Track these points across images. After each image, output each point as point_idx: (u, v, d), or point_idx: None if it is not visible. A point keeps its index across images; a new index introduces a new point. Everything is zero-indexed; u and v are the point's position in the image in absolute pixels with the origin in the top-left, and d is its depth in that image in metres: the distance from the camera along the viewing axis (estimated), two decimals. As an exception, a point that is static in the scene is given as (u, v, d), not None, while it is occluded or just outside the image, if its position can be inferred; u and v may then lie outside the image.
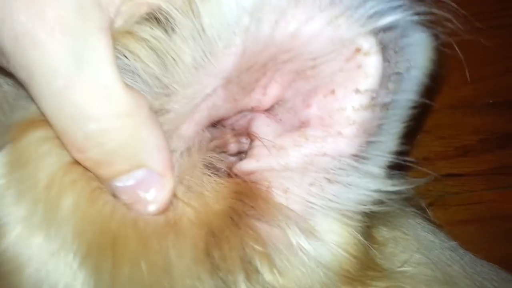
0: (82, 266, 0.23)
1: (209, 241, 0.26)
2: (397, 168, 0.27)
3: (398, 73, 0.27)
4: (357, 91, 0.26)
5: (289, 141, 0.27)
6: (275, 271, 0.26)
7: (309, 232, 0.27)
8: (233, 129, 0.32)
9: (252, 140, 0.30)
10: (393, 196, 0.26)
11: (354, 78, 0.26)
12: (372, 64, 0.26)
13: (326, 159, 0.26)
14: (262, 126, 0.29)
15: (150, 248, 0.25)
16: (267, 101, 0.29)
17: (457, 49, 0.28)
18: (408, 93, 0.28)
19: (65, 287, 0.22)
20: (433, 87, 0.29)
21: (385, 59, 0.26)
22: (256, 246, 0.26)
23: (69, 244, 0.23)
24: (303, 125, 0.28)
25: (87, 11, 0.22)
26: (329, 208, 0.27)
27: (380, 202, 0.27)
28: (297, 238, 0.26)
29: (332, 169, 0.27)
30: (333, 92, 0.26)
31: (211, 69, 0.25)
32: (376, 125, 0.27)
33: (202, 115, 0.27)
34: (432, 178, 0.27)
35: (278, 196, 0.28)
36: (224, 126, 0.32)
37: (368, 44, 0.26)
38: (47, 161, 0.24)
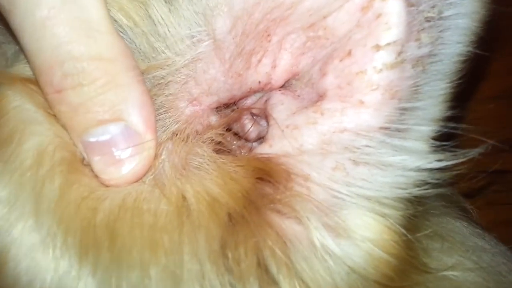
0: (77, 263, 0.21)
1: (225, 236, 0.23)
2: (443, 139, 0.21)
3: (432, 19, 0.21)
4: (378, 47, 0.21)
5: (302, 119, 0.23)
6: (295, 282, 0.21)
7: (336, 229, 0.22)
8: (251, 113, 0.28)
9: (268, 122, 0.26)
10: (439, 176, 0.20)
11: (373, 32, 0.21)
12: (393, 9, 0.21)
13: (348, 136, 0.21)
14: (277, 105, 0.25)
15: (158, 245, 0.22)
16: (279, 75, 0.25)
17: None
18: (452, 43, 0.22)
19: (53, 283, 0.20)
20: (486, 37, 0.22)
21: (410, 2, 0.21)
22: (276, 250, 0.22)
23: (56, 238, 0.21)
24: (320, 98, 0.23)
25: None
26: (359, 196, 0.22)
27: (423, 184, 0.21)
28: (321, 237, 0.21)
29: (356, 147, 0.22)
30: (349, 53, 0.22)
31: (202, 34, 0.22)
32: (409, 87, 0.21)
33: (202, 92, 0.24)
34: (489, 148, 0.20)
35: (299, 185, 0.23)
36: (240, 109, 0.29)
37: None
38: (32, 138, 0.22)
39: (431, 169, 0.21)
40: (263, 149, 0.24)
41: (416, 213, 0.22)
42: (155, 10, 0.23)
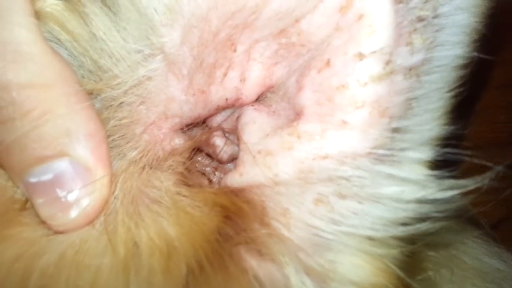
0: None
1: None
2: (441, 163, 0.18)
3: (425, 18, 0.17)
4: (361, 55, 0.17)
5: (276, 143, 0.19)
6: None
7: (321, 274, 0.18)
8: (222, 131, 0.25)
9: (238, 145, 0.22)
10: (441, 208, 0.17)
11: (354, 36, 0.17)
12: (378, 8, 0.17)
13: (330, 163, 0.18)
14: (248, 124, 0.21)
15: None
16: (250, 89, 0.21)
17: None
18: (450, 46, 0.18)
19: None
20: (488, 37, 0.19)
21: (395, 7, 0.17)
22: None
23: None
24: (297, 117, 0.19)
25: None
26: (346, 235, 0.18)
27: (422, 219, 0.17)
28: (302, 284, 0.18)
29: (341, 177, 0.18)
30: (328, 63, 0.18)
31: (151, 48, 0.18)
32: (402, 102, 0.17)
33: (159, 114, 0.20)
34: (500, 172, 0.17)
35: (276, 222, 0.20)
36: (209, 128, 0.25)
37: None
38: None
39: (432, 201, 0.17)
40: (233, 179, 0.21)
41: (417, 249, 0.18)
42: (95, 22, 0.19)
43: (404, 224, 0.18)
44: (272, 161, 0.19)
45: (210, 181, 0.24)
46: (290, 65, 0.21)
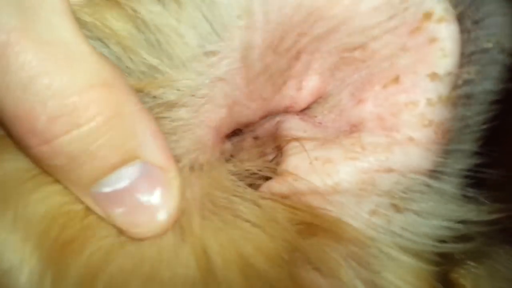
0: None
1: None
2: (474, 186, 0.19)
3: (479, 51, 0.19)
4: (434, 76, 0.18)
5: (338, 152, 0.19)
6: None
7: (375, 285, 0.19)
8: (255, 138, 0.24)
9: (282, 152, 0.22)
10: (483, 228, 0.18)
11: (426, 58, 0.18)
12: (450, 35, 0.18)
13: (393, 177, 0.18)
14: (297, 132, 0.21)
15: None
16: (303, 99, 0.21)
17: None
18: (492, 80, 0.20)
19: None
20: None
21: (464, 29, 0.19)
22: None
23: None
24: (354, 129, 0.20)
25: None
26: (399, 248, 0.19)
27: (466, 238, 0.19)
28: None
29: (400, 191, 0.19)
30: (396, 79, 0.19)
31: (223, 49, 0.18)
32: (459, 126, 0.19)
33: (221, 116, 0.20)
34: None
35: (330, 231, 0.20)
36: (242, 133, 0.24)
37: (442, 6, 0.18)
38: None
39: (479, 222, 0.18)
40: (283, 185, 0.20)
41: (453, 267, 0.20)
42: (149, 20, 0.18)
43: (451, 242, 0.19)
44: (333, 169, 0.19)
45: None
46: (343, 79, 0.21)
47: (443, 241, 0.19)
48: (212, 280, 0.16)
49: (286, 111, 0.22)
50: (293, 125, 0.22)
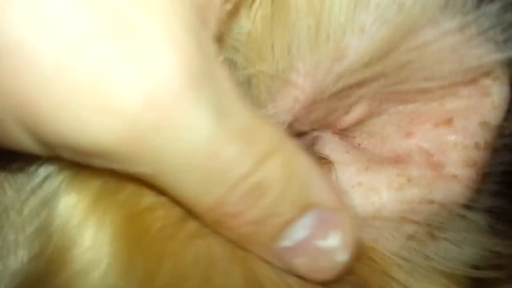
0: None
1: None
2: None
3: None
4: (484, 124, 0.20)
5: (382, 179, 0.21)
6: None
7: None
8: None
9: (325, 167, 0.23)
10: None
11: (479, 108, 0.20)
12: (502, 93, 0.20)
13: (433, 208, 0.20)
14: (337, 151, 0.23)
15: None
16: (347, 121, 0.23)
17: None
18: None
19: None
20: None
21: None
22: None
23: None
24: (399, 159, 0.21)
25: (196, 26, 0.15)
26: (430, 268, 0.21)
27: (494, 266, 0.21)
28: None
29: (438, 221, 0.21)
30: (449, 122, 0.20)
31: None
32: (495, 171, 0.21)
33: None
34: None
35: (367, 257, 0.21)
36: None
37: (502, 69, 0.20)
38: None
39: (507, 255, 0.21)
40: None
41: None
42: None
43: (483, 268, 0.21)
44: (376, 196, 0.21)
45: None
46: (390, 109, 0.23)
47: (475, 266, 0.21)
48: None
49: (326, 126, 0.23)
50: (333, 144, 0.23)
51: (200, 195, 0.16)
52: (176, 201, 0.17)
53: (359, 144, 0.23)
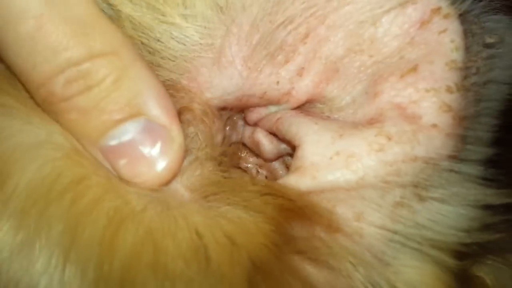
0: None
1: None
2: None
3: (491, 46, 0.20)
4: (450, 65, 0.18)
5: (361, 143, 0.18)
6: None
7: (389, 284, 0.18)
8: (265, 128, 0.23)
9: (295, 146, 0.20)
10: (506, 216, 0.19)
11: (440, 49, 0.19)
12: (458, 30, 0.19)
13: (417, 166, 0.18)
14: (305, 125, 0.20)
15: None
16: (302, 90, 0.21)
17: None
18: (499, 71, 0.21)
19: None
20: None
21: (467, 29, 0.20)
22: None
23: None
24: (373, 121, 0.19)
25: None
26: (424, 240, 0.18)
27: (489, 227, 0.19)
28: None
29: (424, 179, 0.18)
30: (415, 69, 0.19)
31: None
32: (472, 113, 0.19)
33: (219, 87, 0.19)
34: None
35: (346, 226, 0.19)
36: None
37: (447, 3, 0.19)
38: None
39: (501, 206, 0.19)
40: (303, 182, 0.19)
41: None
42: None
43: (473, 230, 0.19)
44: (357, 163, 0.18)
45: (253, 178, 0.22)
46: (349, 78, 0.20)
47: (467, 231, 0.19)
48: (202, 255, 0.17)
49: (286, 102, 0.21)
50: (297, 120, 0.21)
51: (30, 69, 0.18)
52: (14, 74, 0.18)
53: (329, 116, 0.21)
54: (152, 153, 0.19)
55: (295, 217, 0.18)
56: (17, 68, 0.18)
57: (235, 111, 0.22)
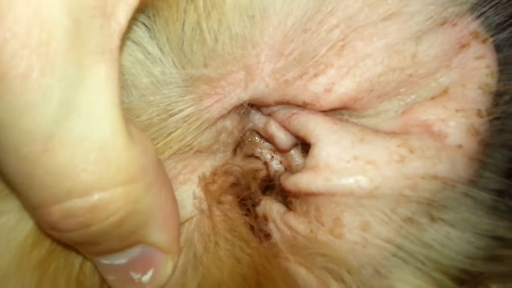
0: None
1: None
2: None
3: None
4: (483, 90, 0.18)
5: (381, 151, 0.18)
6: None
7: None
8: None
9: (311, 145, 0.19)
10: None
11: (475, 73, 0.18)
12: (494, 56, 0.19)
13: (436, 185, 0.18)
14: (322, 124, 0.19)
15: None
16: (328, 103, 0.19)
17: None
18: None
19: None
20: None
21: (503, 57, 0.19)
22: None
23: None
24: (397, 133, 0.19)
25: (84, 27, 0.14)
26: (425, 260, 0.18)
27: (495, 258, 0.18)
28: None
29: (439, 199, 0.18)
30: (446, 91, 0.18)
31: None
32: (496, 142, 0.19)
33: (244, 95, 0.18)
34: None
35: (350, 234, 0.18)
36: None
37: (486, 29, 0.19)
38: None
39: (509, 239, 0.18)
40: (314, 182, 0.18)
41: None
42: None
43: (481, 260, 0.18)
44: (375, 171, 0.18)
45: (266, 164, 0.23)
46: (379, 96, 0.19)
47: (473, 258, 0.18)
48: None
49: (304, 107, 0.20)
50: (315, 117, 0.20)
51: (27, 189, 0.15)
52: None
53: (347, 120, 0.20)
54: (143, 279, 0.19)
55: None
56: (16, 186, 0.16)
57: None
